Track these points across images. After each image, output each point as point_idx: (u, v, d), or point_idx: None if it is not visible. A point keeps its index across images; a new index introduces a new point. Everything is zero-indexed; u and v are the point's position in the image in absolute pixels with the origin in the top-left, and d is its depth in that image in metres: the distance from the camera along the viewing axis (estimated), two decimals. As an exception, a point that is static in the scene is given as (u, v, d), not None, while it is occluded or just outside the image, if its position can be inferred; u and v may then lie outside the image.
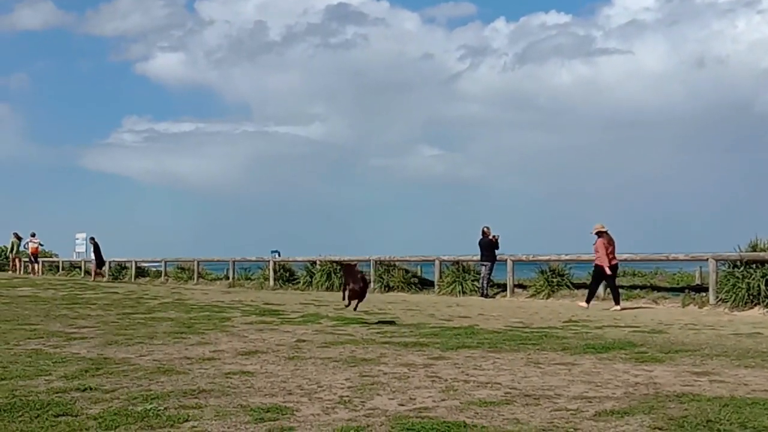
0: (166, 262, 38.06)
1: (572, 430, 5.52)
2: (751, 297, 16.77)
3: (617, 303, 18.03)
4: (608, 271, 18.09)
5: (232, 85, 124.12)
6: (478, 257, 23.00)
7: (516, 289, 22.94)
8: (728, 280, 17.58)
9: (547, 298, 21.27)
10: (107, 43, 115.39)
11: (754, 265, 17.17)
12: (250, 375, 8.09)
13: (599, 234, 18.22)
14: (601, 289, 19.87)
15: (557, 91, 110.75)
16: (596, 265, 18.38)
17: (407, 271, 26.63)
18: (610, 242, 18.14)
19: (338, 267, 12.55)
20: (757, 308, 16.50)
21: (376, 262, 26.96)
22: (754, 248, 17.79)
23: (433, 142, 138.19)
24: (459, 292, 23.53)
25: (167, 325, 13.63)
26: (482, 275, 22.82)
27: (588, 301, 18.27)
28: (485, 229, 22.95)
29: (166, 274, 37.14)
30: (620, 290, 19.13)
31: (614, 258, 18.36)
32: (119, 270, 40.26)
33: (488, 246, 22.67)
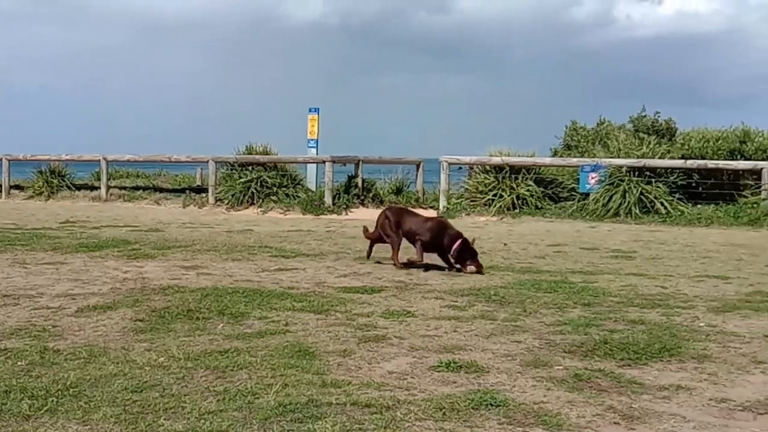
0: None
1: (51, 327, 5.34)
2: (246, 197, 17.78)
3: None
4: None
5: None
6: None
7: (12, 191, 21.64)
8: (226, 181, 18.44)
9: (46, 200, 20.33)
10: None
11: (249, 167, 18.19)
12: None
13: None
14: (103, 191, 19.74)
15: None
16: None
17: None
18: None
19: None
20: (252, 207, 17.56)
21: None
22: (249, 152, 18.84)
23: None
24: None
25: None
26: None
27: None
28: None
29: None
30: (123, 191, 19.20)
31: None
32: None
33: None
